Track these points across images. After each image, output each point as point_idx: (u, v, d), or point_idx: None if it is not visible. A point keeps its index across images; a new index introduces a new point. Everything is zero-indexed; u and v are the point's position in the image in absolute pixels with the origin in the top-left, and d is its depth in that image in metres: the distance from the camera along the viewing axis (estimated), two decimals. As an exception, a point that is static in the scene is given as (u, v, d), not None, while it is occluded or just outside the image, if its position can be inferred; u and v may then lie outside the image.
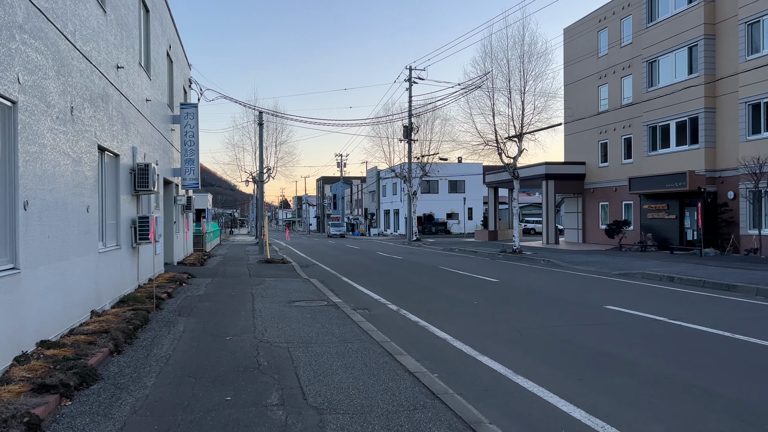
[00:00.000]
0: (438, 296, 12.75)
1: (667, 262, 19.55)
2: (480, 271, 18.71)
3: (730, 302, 11.63)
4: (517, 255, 24.70)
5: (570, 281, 15.65)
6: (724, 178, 23.50)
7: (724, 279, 14.47)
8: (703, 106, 23.83)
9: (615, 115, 29.97)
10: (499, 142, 26.01)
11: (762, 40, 21.18)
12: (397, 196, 60.40)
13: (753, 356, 7.03)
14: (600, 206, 32.13)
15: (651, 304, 11.31)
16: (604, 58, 31.29)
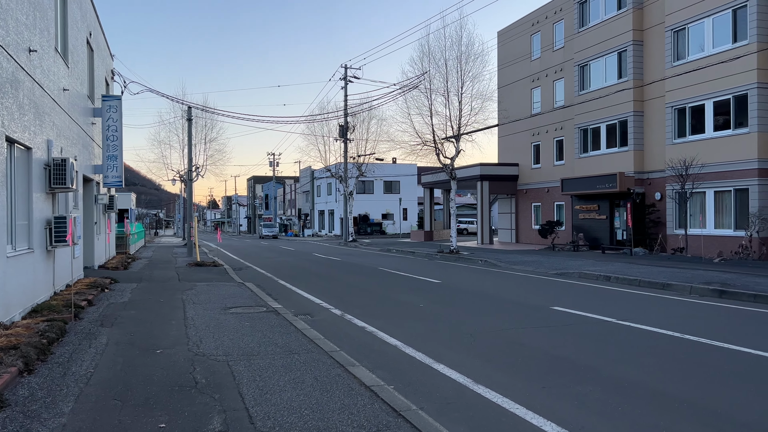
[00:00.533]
0: (382, 299, 12.30)
1: (601, 262, 19.98)
2: (420, 271, 18.44)
3: (670, 301, 11.81)
4: (455, 255, 24.67)
5: (511, 282, 15.61)
6: (652, 179, 24.37)
7: (658, 278, 14.80)
8: (632, 109, 24.63)
9: (547, 118, 30.60)
10: (437, 143, 25.92)
11: (687, 47, 22.07)
12: (332, 196, 59.70)
13: (709, 358, 6.98)
14: (533, 207, 32.76)
15: (596, 304, 11.31)
16: (537, 62, 31.91)
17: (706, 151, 20.90)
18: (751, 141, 19.56)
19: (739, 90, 19.90)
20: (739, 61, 19.45)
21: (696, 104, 21.66)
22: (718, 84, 20.47)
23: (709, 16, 21.01)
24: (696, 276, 15.01)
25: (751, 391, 5.64)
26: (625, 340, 7.96)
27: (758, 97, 19.30)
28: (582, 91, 27.65)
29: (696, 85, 21.27)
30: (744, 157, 19.74)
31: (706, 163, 20.68)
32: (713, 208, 21.13)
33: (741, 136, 19.91)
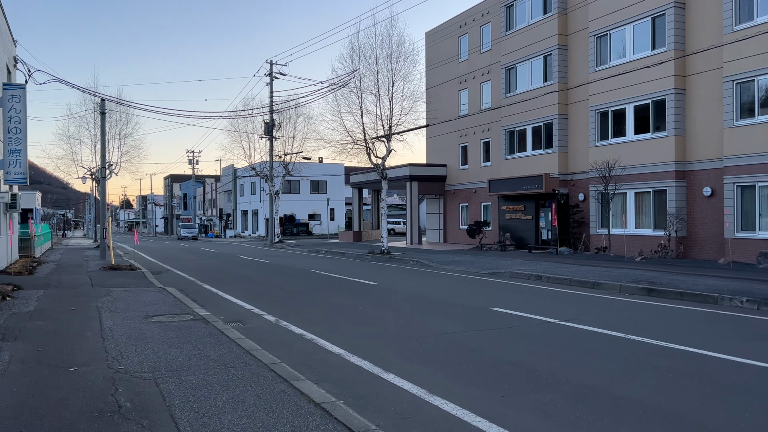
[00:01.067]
0: (317, 303, 11.73)
1: (530, 261, 20.27)
2: (353, 273, 17.97)
3: (605, 300, 11.96)
4: (386, 256, 24.39)
5: (446, 282, 15.44)
6: (576, 180, 25.10)
7: (587, 277, 15.07)
8: (557, 112, 25.26)
9: (475, 120, 30.95)
10: (368, 142, 25.55)
11: (609, 52, 22.85)
12: (257, 195, 58.09)
13: (658, 359, 6.92)
14: (460, 207, 33.06)
15: (535, 304, 11.26)
16: (465, 63, 32.22)
17: (628, 153, 21.70)
18: (668, 144, 20.46)
19: (657, 95, 20.78)
20: (658, 67, 20.29)
21: (618, 108, 22.46)
22: (639, 89, 21.29)
23: (630, 23, 21.84)
24: (623, 275, 15.41)
25: (709, 394, 5.56)
26: (572, 342, 7.84)
27: (675, 102, 20.22)
28: (509, 94, 28.13)
29: (618, 90, 22.05)
30: (662, 159, 20.63)
31: (627, 165, 21.47)
32: (634, 209, 21.98)
33: (660, 139, 20.79)
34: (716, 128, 19.20)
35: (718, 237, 19.21)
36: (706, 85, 19.49)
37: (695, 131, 20.04)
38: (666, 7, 20.40)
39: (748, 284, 13.12)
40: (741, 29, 17.97)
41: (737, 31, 18.05)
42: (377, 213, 42.23)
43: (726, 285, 12.96)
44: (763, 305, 10.69)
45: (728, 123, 18.48)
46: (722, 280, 13.83)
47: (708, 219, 19.59)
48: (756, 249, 17.44)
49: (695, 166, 20.05)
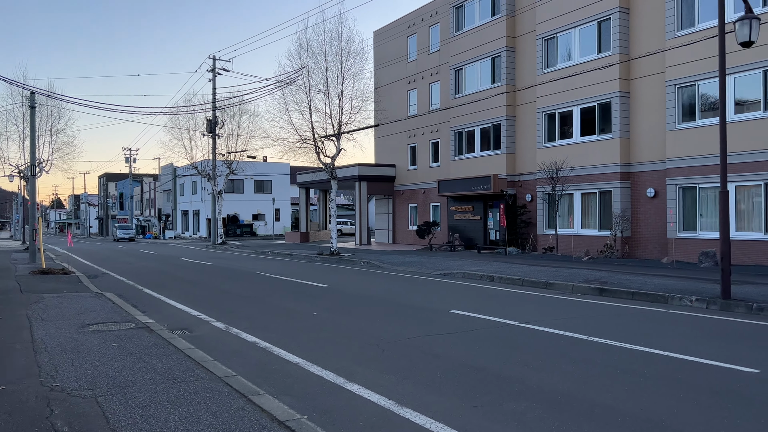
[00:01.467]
0: (269, 308, 11.20)
1: (480, 261, 20.28)
2: (304, 275, 17.45)
3: (559, 301, 11.96)
4: (336, 257, 23.96)
5: (399, 284, 15.17)
6: (523, 181, 25.38)
7: (539, 277, 15.13)
8: (505, 114, 25.48)
9: (424, 120, 30.91)
10: (317, 141, 25.02)
11: (556, 55, 23.20)
12: (198, 195, 56.34)
13: (626, 362, 6.82)
14: (409, 207, 32.96)
15: (492, 306, 11.12)
16: (414, 64, 32.15)
17: (574, 155, 22.07)
18: (614, 146, 20.92)
19: (603, 98, 21.22)
20: (604, 70, 20.72)
21: (565, 110, 22.83)
22: (585, 92, 21.70)
23: (577, 26, 22.24)
24: (573, 275, 15.56)
25: (683, 398, 5.46)
26: (537, 346, 7.68)
27: (620, 105, 20.71)
28: (457, 95, 28.20)
29: (565, 92, 22.41)
30: (608, 161, 21.08)
31: (574, 166, 21.83)
32: (580, 210, 22.39)
33: (605, 141, 21.24)
34: (659, 131, 19.76)
35: (660, 237, 19.77)
36: (650, 88, 20.04)
37: (639, 134, 20.57)
38: (611, 12, 20.86)
39: (693, 283, 13.44)
40: (682, 35, 18.55)
41: (679, 37, 18.62)
42: (325, 213, 41.68)
43: (673, 284, 13.24)
44: (712, 304, 10.92)
45: (671, 126, 19.04)
46: (669, 280, 14.14)
47: (651, 219, 20.15)
48: (697, 248, 18.01)
49: (639, 167, 20.59)
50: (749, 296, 11.24)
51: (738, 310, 10.54)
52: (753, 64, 16.68)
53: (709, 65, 17.76)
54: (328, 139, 25.12)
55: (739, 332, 8.63)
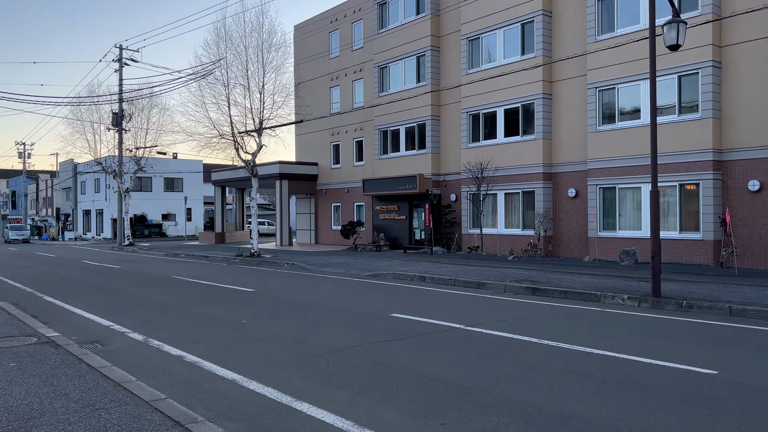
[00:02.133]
0: (192, 316, 10.22)
1: (408, 262, 19.98)
2: (224, 279, 16.39)
3: (497, 301, 11.77)
4: (257, 258, 22.90)
5: (330, 286, 14.51)
6: (448, 181, 25.39)
7: (470, 277, 14.98)
8: (430, 113, 25.39)
9: (347, 118, 30.33)
10: (236, 136, 23.80)
11: (481, 56, 23.34)
12: (102, 193, 52.75)
13: (585, 367, 6.57)
14: (333, 207, 32.26)
15: (431, 308, 10.73)
16: (336, 60, 31.49)
17: (498, 155, 22.28)
18: (537, 147, 21.28)
19: (526, 99, 21.54)
20: (527, 72, 21.01)
21: (489, 111, 23.00)
22: (509, 93, 21.94)
23: (501, 28, 22.46)
24: (502, 274, 15.54)
25: (656, 406, 5.22)
26: (490, 351, 7.31)
27: (543, 106, 21.08)
28: (382, 93, 27.85)
29: (489, 93, 22.57)
30: (531, 161, 21.41)
31: (499, 166, 22.02)
32: (504, 209, 22.63)
33: (529, 142, 21.57)
34: (581, 132, 20.27)
35: (581, 236, 20.30)
36: (572, 91, 20.52)
37: (561, 135, 21.03)
38: (535, 14, 21.21)
39: (620, 281, 13.72)
40: (603, 39, 19.10)
41: (600, 41, 19.16)
42: (242, 213, 40.14)
43: (601, 282, 13.44)
44: (643, 302, 11.09)
45: (592, 128, 19.57)
46: (596, 278, 14.38)
47: (572, 219, 20.65)
48: (617, 247, 18.61)
49: (561, 168, 21.06)
50: (677, 293, 11.53)
51: (668, 307, 10.74)
52: (668, 69, 17.40)
53: (628, 69, 18.40)
54: (249, 135, 23.98)
55: (678, 330, 8.69)
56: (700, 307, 10.36)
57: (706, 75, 16.78)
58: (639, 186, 18.42)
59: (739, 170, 16.54)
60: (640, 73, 18.11)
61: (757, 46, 16.21)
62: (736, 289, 12.04)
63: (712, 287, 12.39)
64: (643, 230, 18.32)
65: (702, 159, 16.94)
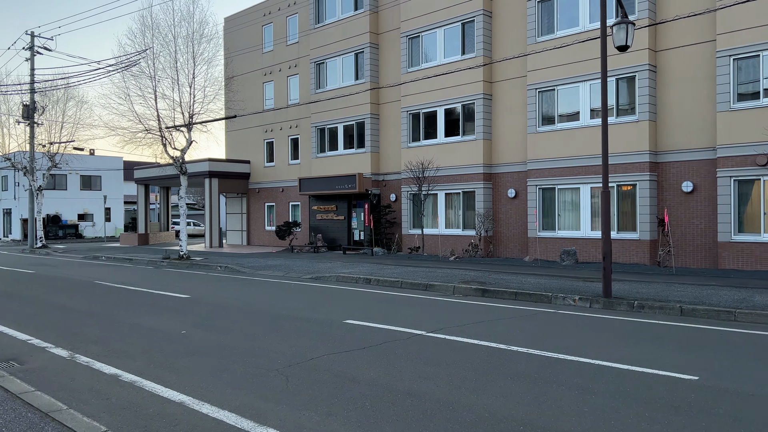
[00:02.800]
0: (124, 327, 9.22)
1: (350, 263, 19.40)
2: (154, 284, 15.22)
3: (450, 304, 11.41)
4: (187, 261, 21.63)
5: (272, 291, 13.72)
6: (387, 181, 24.99)
7: (416, 278, 14.61)
8: (369, 112, 24.90)
9: (282, 114, 29.35)
10: (163, 131, 22.40)
11: (421, 54, 23.08)
12: (10, 192, 48.86)
13: (564, 375, 6.25)
14: (266, 207, 31.15)
15: (386, 313, 10.23)
16: (270, 55, 30.43)
17: (439, 155, 22.09)
18: (477, 147, 21.24)
19: (467, 99, 21.46)
20: (468, 72, 20.92)
21: (429, 110, 22.78)
22: (449, 92, 21.80)
23: (441, 26, 22.28)
24: (448, 275, 15.27)
25: (653, 419, 4.93)
26: (460, 360, 6.87)
27: (483, 107, 21.06)
28: (318, 90, 27.11)
29: (429, 92, 22.35)
30: (472, 162, 21.35)
31: (440, 166, 21.83)
32: (444, 210, 22.47)
33: (469, 142, 21.50)
34: (521, 133, 20.37)
35: (521, 236, 20.42)
36: (512, 91, 20.60)
37: (502, 135, 21.08)
38: (475, 14, 21.15)
39: (567, 282, 13.73)
40: (543, 41, 19.26)
41: (540, 42, 19.31)
42: (167, 213, 38.20)
43: (549, 283, 13.39)
44: (595, 303, 11.05)
45: (531, 129, 19.71)
46: (542, 278, 14.35)
47: (512, 219, 20.74)
48: (556, 247, 18.81)
49: (501, 168, 21.12)
50: (626, 294, 11.58)
51: (620, 307, 10.75)
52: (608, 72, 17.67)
53: (568, 71, 18.63)
54: (177, 130, 22.62)
55: (640, 332, 8.60)
56: (651, 307, 10.42)
57: (642, 78, 17.17)
58: (578, 187, 18.70)
59: (673, 172, 17.05)
60: (579, 75, 18.38)
61: (689, 52, 16.74)
62: (681, 289, 12.26)
63: (658, 287, 12.57)
64: (582, 230, 18.62)
65: (639, 160, 17.36)
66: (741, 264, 15.32)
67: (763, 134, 14.81)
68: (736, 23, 15.36)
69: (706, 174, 16.46)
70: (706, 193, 16.47)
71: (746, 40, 15.21)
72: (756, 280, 13.58)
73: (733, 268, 15.48)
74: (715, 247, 16.18)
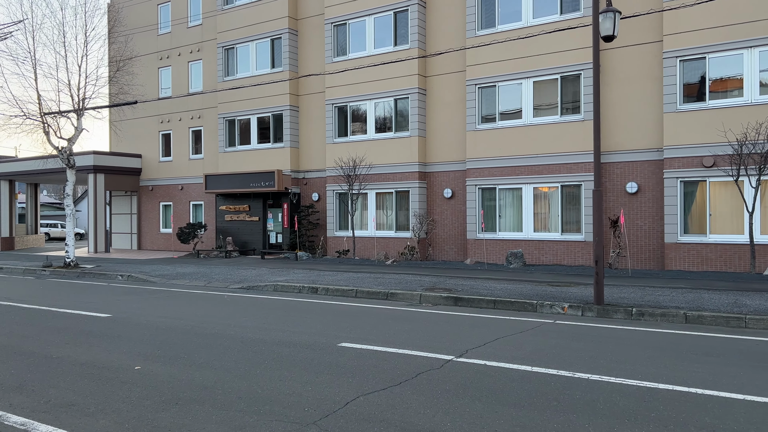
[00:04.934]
0: (47, 364, 6.82)
1: (278, 269, 17.41)
2: (49, 300, 12.35)
3: (430, 316, 10.04)
4: (76, 270, 18.39)
5: (206, 305, 11.52)
6: (309, 179, 23.10)
7: (371, 286, 13.14)
8: (288, 103, 22.87)
9: (182, 104, 26.36)
10: (45, 116, 18.90)
11: (348, 43, 21.50)
12: None
13: (689, 413, 5.09)
14: (161, 206, 27.85)
15: (375, 331, 8.64)
16: (167, 37, 27.28)
17: (370, 152, 20.65)
18: (411, 145, 20.06)
19: (399, 94, 20.23)
20: (400, 64, 19.66)
21: (358, 103, 21.27)
22: (381, 86, 20.47)
23: (371, 15, 20.86)
24: (403, 281, 13.92)
25: None
26: (524, 397, 5.51)
27: (418, 102, 19.94)
28: (227, 77, 24.58)
29: (360, 84, 20.84)
30: (405, 160, 20.13)
31: (373, 164, 20.39)
32: (375, 210, 21.06)
33: (403, 139, 20.28)
34: (459, 131, 19.48)
35: (458, 238, 19.54)
36: (450, 87, 19.66)
37: (437, 133, 20.07)
38: (409, 3, 19.97)
39: (539, 287, 12.88)
40: (483, 35, 18.49)
41: (479, 36, 18.53)
42: (35, 214, 33.25)
43: (520, 289, 12.49)
44: (587, 311, 10.25)
45: (471, 126, 18.89)
46: (508, 283, 13.42)
47: (448, 220, 19.81)
48: (498, 249, 18.11)
49: (436, 167, 20.12)
50: (615, 300, 10.89)
51: (617, 315, 10.00)
52: (551, 69, 17.33)
53: (508, 67, 18.01)
54: (64, 116, 19.21)
55: (676, 345, 7.76)
56: (652, 315, 9.75)
57: (588, 77, 16.90)
58: (520, 186, 18.14)
59: (617, 172, 16.94)
60: (522, 71, 17.83)
61: (635, 52, 16.58)
62: (666, 293, 11.79)
63: (639, 291, 12.06)
64: (525, 232, 18.08)
65: (584, 160, 17.09)
66: (687, 265, 15.46)
67: (709, 136, 15.02)
68: (682, 25, 15.41)
69: (652, 175, 16.41)
70: (651, 194, 16.42)
71: (693, 41, 15.31)
72: (722, 282, 13.49)
73: (680, 269, 15.58)
74: (662, 248, 16.16)
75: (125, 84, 20.00)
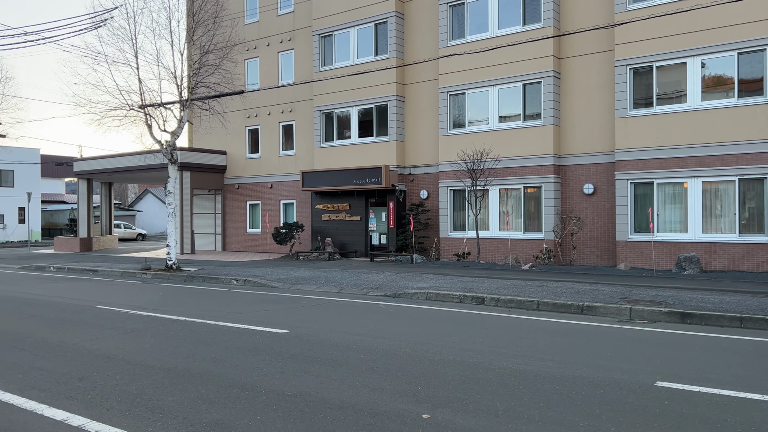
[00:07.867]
0: (269, 397, 4.99)
1: (406, 274, 15.51)
2: (186, 309, 10.70)
3: (686, 339, 7.94)
4: (180, 273, 16.93)
5: (376, 318, 9.66)
6: (415, 175, 21.19)
7: (552, 297, 11.08)
8: (395, 93, 21.01)
9: (271, 97, 24.81)
10: (147, 107, 17.46)
11: (466, 24, 19.47)
12: None
13: None
14: (248, 206, 26.35)
15: (646, 360, 6.59)
16: (254, 26, 25.80)
17: (493, 144, 18.60)
18: (545, 135, 17.94)
19: (531, 78, 18.14)
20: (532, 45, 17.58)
21: (478, 91, 19.20)
22: (509, 69, 18.39)
23: (494, -7, 18.87)
24: (581, 291, 11.80)
25: None
26: None
27: (553, 87, 17.81)
28: (324, 67, 22.88)
29: (479, 69, 18.85)
30: (537, 152, 18.03)
31: (500, 156, 18.35)
32: (499, 208, 18.97)
33: (534, 129, 18.17)
34: (603, 117, 17.29)
35: (601, 240, 17.32)
36: (591, 69, 17.48)
37: (574, 120, 17.87)
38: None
39: (760, 299, 10.65)
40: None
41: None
42: (109, 214, 32.24)
43: (742, 301, 10.28)
44: None
45: (620, 113, 16.59)
46: (727, 295, 11.20)
47: (589, 220, 17.60)
48: (658, 253, 15.84)
49: (573, 160, 17.89)
50: None
51: None
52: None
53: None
54: (166, 108, 17.75)
55: None
56: None
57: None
58: (685, 180, 15.82)
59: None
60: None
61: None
62: None
63: None
64: (690, 232, 15.73)
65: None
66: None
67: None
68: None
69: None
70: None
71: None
72: None
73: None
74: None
75: (227, 72, 18.37)
